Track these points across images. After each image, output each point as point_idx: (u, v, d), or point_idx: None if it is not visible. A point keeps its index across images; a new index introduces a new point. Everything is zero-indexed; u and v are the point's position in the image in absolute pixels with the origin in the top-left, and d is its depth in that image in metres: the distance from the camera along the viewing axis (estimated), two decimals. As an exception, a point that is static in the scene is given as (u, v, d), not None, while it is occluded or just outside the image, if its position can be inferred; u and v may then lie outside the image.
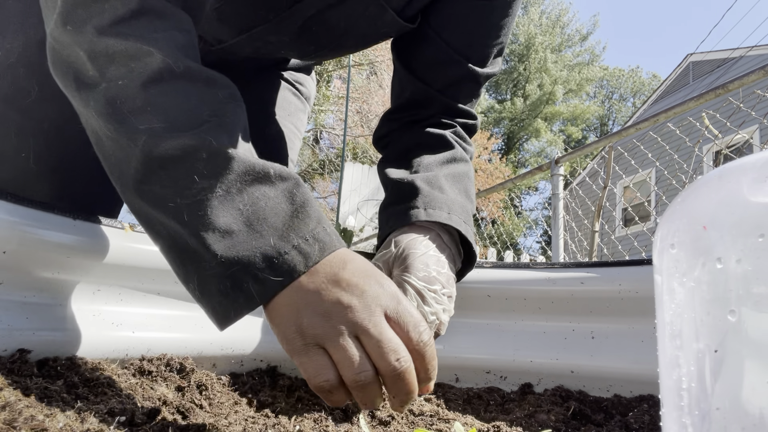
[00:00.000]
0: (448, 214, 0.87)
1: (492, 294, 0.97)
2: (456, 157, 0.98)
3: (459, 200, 0.91)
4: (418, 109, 1.02)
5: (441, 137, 0.99)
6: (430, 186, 0.90)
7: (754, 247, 0.34)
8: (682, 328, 0.38)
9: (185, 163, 0.56)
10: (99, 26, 0.59)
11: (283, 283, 0.54)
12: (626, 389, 0.88)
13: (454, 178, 0.95)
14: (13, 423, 0.46)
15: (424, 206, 0.87)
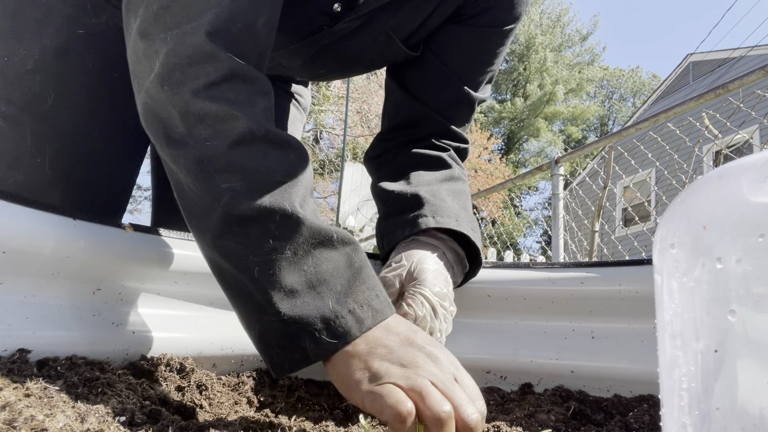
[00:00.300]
0: (457, 222, 0.89)
1: (492, 294, 0.97)
2: (454, 176, 1.01)
3: (464, 212, 0.94)
4: (414, 128, 1.05)
5: (438, 158, 1.02)
6: (434, 197, 0.93)
7: (754, 247, 0.34)
8: (682, 328, 0.38)
9: (261, 224, 0.61)
10: (194, 89, 0.65)
11: (337, 345, 0.59)
12: (626, 389, 0.88)
13: (454, 194, 0.97)
14: (13, 423, 0.46)
15: (432, 214, 0.89)
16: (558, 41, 29.16)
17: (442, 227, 0.88)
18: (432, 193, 0.94)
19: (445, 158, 1.03)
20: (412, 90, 1.04)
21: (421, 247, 0.86)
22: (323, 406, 0.76)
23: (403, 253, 0.84)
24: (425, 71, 1.02)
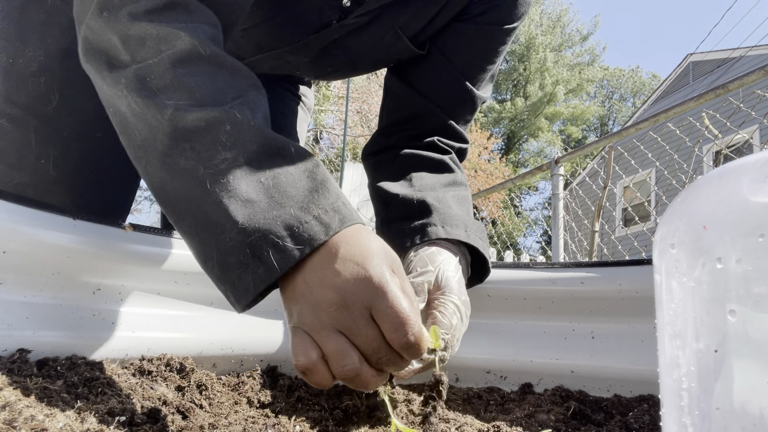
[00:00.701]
0: (466, 232, 0.88)
1: (492, 294, 0.97)
2: (457, 181, 1.00)
3: (470, 220, 0.92)
4: (416, 123, 1.04)
5: (441, 161, 1.01)
6: (441, 204, 0.91)
7: (754, 247, 0.34)
8: (682, 328, 0.38)
9: (210, 134, 0.57)
10: (133, 12, 0.62)
11: (303, 251, 0.54)
12: (626, 389, 0.88)
13: (459, 201, 0.96)
14: (13, 423, 0.46)
15: (441, 223, 0.88)
16: (558, 41, 29.16)
17: (451, 238, 0.87)
18: (438, 199, 0.92)
19: (448, 162, 1.02)
20: (415, 85, 1.03)
21: (442, 248, 0.85)
22: (323, 406, 0.76)
23: (424, 255, 0.83)
24: (429, 68, 1.02)
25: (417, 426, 0.62)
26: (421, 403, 0.68)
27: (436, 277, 0.79)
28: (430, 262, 0.81)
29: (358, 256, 0.55)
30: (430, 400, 0.66)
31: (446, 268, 0.80)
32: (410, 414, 0.75)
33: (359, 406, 0.75)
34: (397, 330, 0.53)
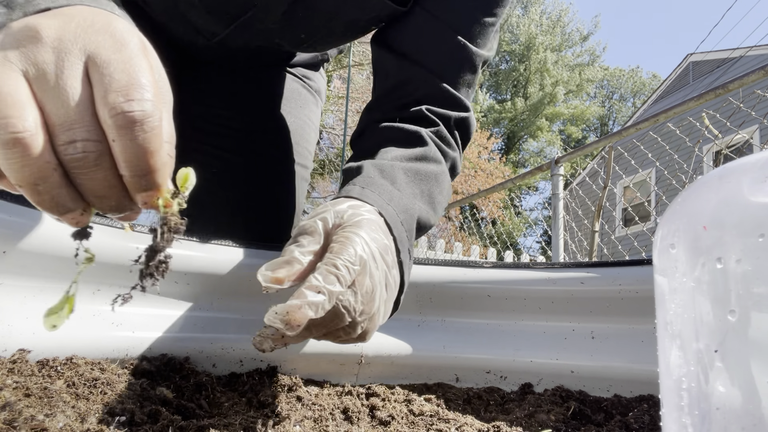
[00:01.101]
0: (388, 204, 0.71)
1: (492, 294, 0.97)
2: (427, 156, 0.85)
3: (410, 201, 0.76)
4: (403, 90, 0.91)
5: (414, 133, 0.86)
6: (381, 173, 0.77)
7: (754, 247, 0.34)
8: (682, 328, 0.38)
9: None
10: None
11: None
12: (626, 389, 0.88)
13: (416, 175, 0.81)
14: (13, 423, 0.46)
15: (362, 185, 0.72)
16: (558, 41, 29.17)
17: (364, 200, 0.69)
18: (381, 168, 0.78)
19: (422, 135, 0.86)
20: (400, 49, 0.90)
21: (351, 201, 0.69)
22: (323, 406, 0.76)
23: (326, 203, 0.68)
24: (413, 25, 0.90)
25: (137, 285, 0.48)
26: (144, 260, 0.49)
27: (337, 212, 0.63)
28: (330, 203, 0.67)
29: (99, 15, 0.45)
30: (150, 257, 0.48)
31: (355, 208, 0.65)
32: (410, 414, 0.75)
33: (359, 405, 0.75)
34: (119, 94, 0.40)
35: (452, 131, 0.92)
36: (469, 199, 7.07)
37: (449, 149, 0.90)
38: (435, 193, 0.83)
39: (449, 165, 0.91)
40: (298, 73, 1.31)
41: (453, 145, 0.91)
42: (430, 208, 0.82)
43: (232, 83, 1.22)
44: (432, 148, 0.86)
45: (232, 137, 1.21)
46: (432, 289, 0.94)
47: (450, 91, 0.90)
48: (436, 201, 0.83)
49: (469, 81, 0.92)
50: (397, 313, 0.95)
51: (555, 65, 28.04)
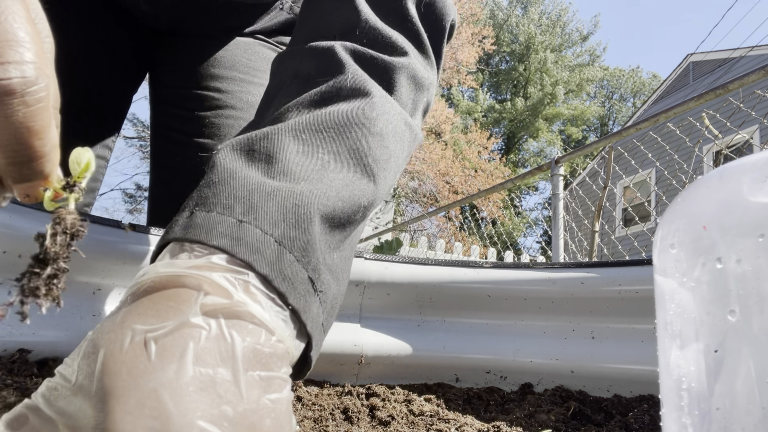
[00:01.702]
0: (239, 223, 0.41)
1: (492, 294, 0.97)
2: (340, 90, 0.53)
3: (301, 189, 0.44)
4: (318, 22, 0.62)
5: (323, 53, 0.55)
6: (246, 155, 0.47)
7: (754, 247, 0.34)
8: (682, 328, 0.38)
9: None
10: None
11: None
12: (626, 389, 0.88)
13: (319, 131, 0.49)
14: (13, 423, 0.46)
15: (192, 208, 0.43)
16: (558, 41, 29.17)
17: (188, 238, 0.40)
18: (249, 144, 0.47)
19: (336, 51, 0.55)
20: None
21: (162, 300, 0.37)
22: (323, 406, 0.76)
23: (97, 328, 0.37)
24: None
25: None
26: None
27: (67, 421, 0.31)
28: (80, 360, 0.34)
29: None
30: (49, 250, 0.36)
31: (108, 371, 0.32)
32: (410, 414, 0.75)
33: (359, 406, 0.75)
34: None
35: (401, 12, 0.61)
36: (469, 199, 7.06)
37: (394, 56, 0.58)
38: (366, 147, 0.51)
39: (403, 88, 0.59)
40: (273, 41, 1.18)
41: (397, 45, 0.59)
42: (363, 175, 0.50)
43: (194, 58, 1.13)
44: (350, 71, 0.54)
45: (196, 120, 1.09)
46: (432, 289, 0.94)
47: (374, 24, 0.59)
48: (371, 158, 0.51)
49: (399, 6, 0.62)
50: (397, 313, 0.95)
51: (555, 65, 28.06)
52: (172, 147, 1.12)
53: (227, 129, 1.09)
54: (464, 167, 17.87)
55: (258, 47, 1.17)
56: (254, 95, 1.13)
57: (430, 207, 16.29)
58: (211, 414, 0.31)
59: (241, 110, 1.12)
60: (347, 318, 0.91)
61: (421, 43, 0.62)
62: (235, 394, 0.33)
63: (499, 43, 27.29)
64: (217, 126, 1.09)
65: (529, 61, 27.95)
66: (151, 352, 0.32)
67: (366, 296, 0.92)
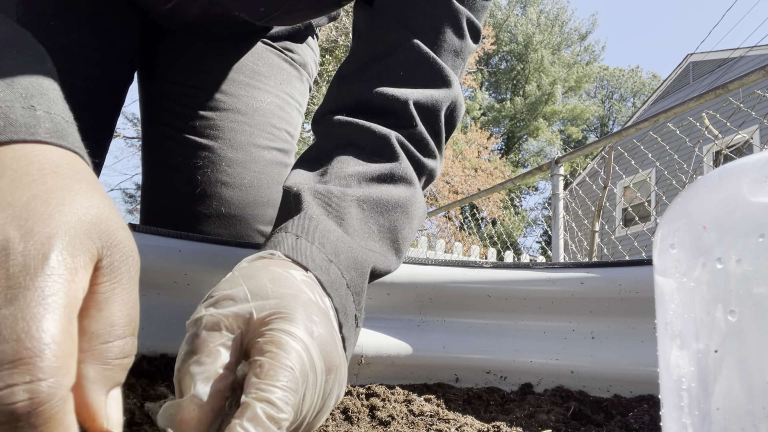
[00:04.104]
0: (330, 262, 0.54)
1: (492, 294, 0.97)
2: (394, 175, 0.67)
3: (362, 248, 0.59)
4: (379, 51, 0.74)
5: (383, 140, 0.68)
6: (326, 209, 0.59)
7: (754, 247, 0.34)
8: (682, 328, 0.38)
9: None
10: None
11: None
12: (626, 389, 0.88)
13: (376, 206, 0.63)
14: (13, 423, 0.46)
15: (297, 232, 0.55)
16: (557, 40, 29.19)
17: (297, 260, 0.52)
18: (327, 197, 0.60)
19: (392, 143, 0.68)
20: (382, 8, 0.75)
21: (281, 265, 0.50)
22: (323, 406, 0.76)
23: (244, 271, 0.48)
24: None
25: None
26: None
27: (259, 309, 0.44)
28: (244, 281, 0.46)
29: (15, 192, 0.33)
30: None
31: (281, 284, 0.47)
32: (410, 414, 0.75)
33: (359, 406, 0.75)
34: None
35: (435, 125, 0.74)
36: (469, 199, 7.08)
37: (426, 158, 0.73)
38: (400, 227, 0.65)
39: (424, 180, 0.75)
40: (279, 46, 1.18)
41: (431, 150, 0.74)
42: (392, 249, 0.64)
43: (200, 57, 1.13)
44: (403, 163, 0.68)
45: (196, 119, 1.09)
46: (432, 289, 0.94)
47: (434, 58, 0.72)
48: (401, 238, 0.65)
49: (455, 48, 0.75)
50: (397, 313, 0.95)
51: (554, 64, 28.07)
52: (168, 143, 1.11)
53: (231, 132, 1.09)
54: (464, 167, 17.87)
55: (265, 53, 1.17)
56: (259, 100, 1.13)
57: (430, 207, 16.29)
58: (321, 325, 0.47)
59: (245, 114, 1.11)
60: (347, 318, 0.91)
61: (440, 147, 0.77)
62: (326, 324, 0.48)
63: (498, 43, 27.31)
64: (222, 128, 1.09)
65: (527, 61, 27.96)
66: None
67: (366, 296, 0.92)
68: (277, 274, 0.48)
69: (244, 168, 1.08)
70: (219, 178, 1.07)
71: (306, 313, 0.45)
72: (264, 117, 1.13)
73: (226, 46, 1.13)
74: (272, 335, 0.42)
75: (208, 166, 1.07)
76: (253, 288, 0.45)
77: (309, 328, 0.44)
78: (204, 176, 1.07)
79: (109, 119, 1.09)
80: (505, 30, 28.30)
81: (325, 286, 0.52)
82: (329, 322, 0.49)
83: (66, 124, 0.41)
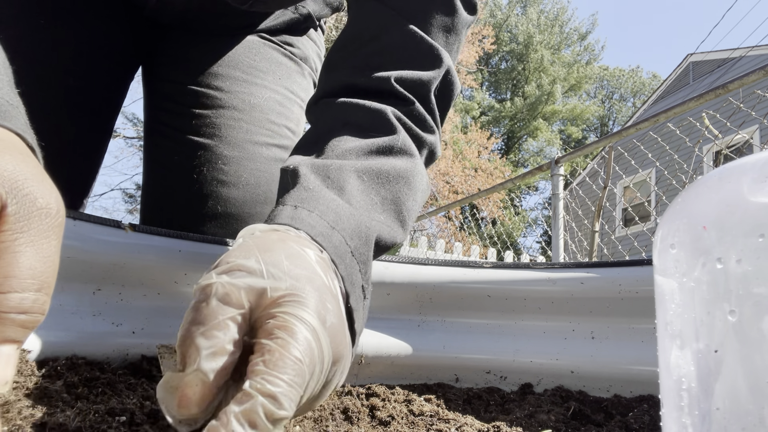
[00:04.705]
0: (332, 229, 0.52)
1: (492, 294, 0.97)
2: (393, 147, 0.66)
3: (365, 216, 0.57)
4: (367, 34, 0.73)
5: (379, 114, 0.67)
6: (325, 180, 0.58)
7: (754, 247, 0.34)
8: (682, 328, 0.38)
9: None
10: None
11: None
12: (626, 389, 0.88)
13: (377, 177, 0.62)
14: (14, 423, 0.46)
15: (295, 202, 0.54)
16: (557, 40, 29.19)
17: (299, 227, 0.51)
18: (326, 170, 0.59)
19: (389, 117, 0.67)
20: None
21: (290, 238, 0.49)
22: (323, 406, 0.76)
23: (254, 241, 0.47)
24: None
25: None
26: None
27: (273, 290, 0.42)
28: (259, 252, 0.44)
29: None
30: None
31: (294, 259, 0.45)
32: (410, 414, 0.75)
33: (359, 406, 0.75)
34: None
35: (428, 104, 0.73)
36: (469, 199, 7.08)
37: (425, 133, 0.72)
38: (403, 197, 0.64)
39: (425, 154, 0.74)
40: (277, 41, 1.16)
41: (429, 125, 0.73)
42: (396, 219, 0.63)
43: (197, 55, 1.12)
44: (401, 135, 0.67)
45: (194, 117, 1.09)
46: (432, 289, 0.94)
47: (422, 36, 0.71)
48: (405, 208, 0.64)
49: (446, 24, 0.73)
50: (397, 313, 0.95)
51: (554, 64, 28.07)
52: (167, 143, 1.10)
53: (227, 130, 1.08)
54: (464, 167, 17.86)
55: (262, 47, 1.16)
56: (256, 96, 1.12)
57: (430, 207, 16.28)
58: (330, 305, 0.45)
59: (242, 111, 1.10)
60: (347, 318, 0.91)
61: (436, 121, 0.75)
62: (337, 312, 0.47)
63: (498, 43, 27.31)
64: (218, 126, 1.08)
65: (528, 61, 27.96)
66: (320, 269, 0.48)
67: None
68: (294, 252, 0.46)
69: (241, 166, 1.07)
70: (216, 177, 1.06)
71: (321, 299, 0.44)
72: (262, 113, 1.12)
73: (221, 42, 1.12)
74: (285, 319, 0.40)
75: (205, 165, 1.06)
76: (269, 262, 0.43)
77: (322, 315, 0.43)
78: (201, 175, 1.06)
79: (106, 118, 1.08)
80: (505, 30, 28.30)
81: (329, 252, 0.50)
82: (340, 309, 0.48)
83: (10, 107, 0.42)
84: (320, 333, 0.42)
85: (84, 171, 1.06)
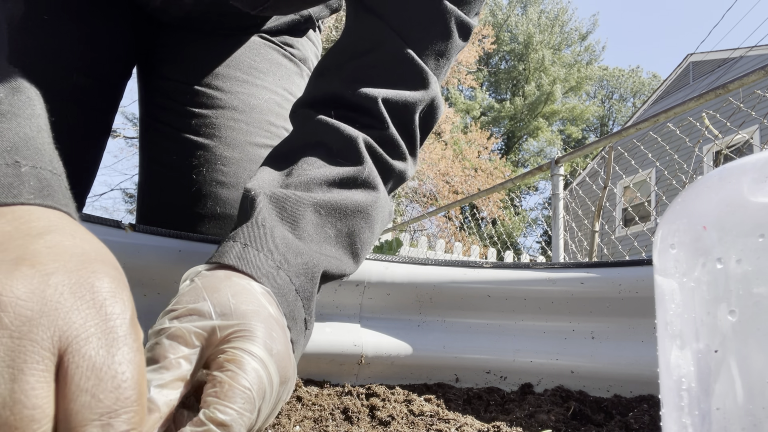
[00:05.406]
0: (279, 268, 0.55)
1: (492, 294, 0.97)
2: (357, 179, 0.67)
3: (315, 253, 0.59)
4: (359, 47, 0.74)
5: (349, 141, 0.68)
6: (280, 214, 0.60)
7: (754, 247, 0.34)
8: (682, 328, 0.38)
9: None
10: None
11: None
12: (626, 389, 0.88)
13: (334, 212, 0.64)
14: (13, 423, 0.46)
15: (246, 241, 0.55)
16: (557, 40, 29.19)
17: (244, 270, 0.52)
18: (283, 203, 0.60)
19: (359, 146, 0.68)
20: (367, 3, 0.73)
21: (235, 277, 0.52)
22: (323, 406, 0.76)
23: (203, 282, 0.50)
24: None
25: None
26: None
27: (223, 308, 0.47)
28: (207, 294, 0.48)
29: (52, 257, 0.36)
30: None
31: (240, 296, 0.48)
32: (410, 414, 0.75)
33: (359, 406, 0.75)
34: (107, 407, 0.32)
35: (410, 126, 0.74)
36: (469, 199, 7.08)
37: (395, 160, 0.73)
38: (359, 230, 0.65)
39: (391, 184, 0.75)
40: (278, 41, 1.17)
41: (401, 152, 0.73)
42: (347, 252, 0.65)
43: (196, 53, 1.12)
44: (367, 167, 0.68)
45: (193, 117, 1.08)
46: (432, 289, 0.94)
47: (415, 59, 0.71)
48: (360, 240, 0.66)
49: (440, 49, 0.74)
50: (397, 313, 0.95)
51: (554, 64, 28.07)
52: (164, 141, 1.10)
53: (227, 131, 1.08)
54: (464, 167, 17.87)
55: (262, 48, 1.16)
56: (256, 98, 1.12)
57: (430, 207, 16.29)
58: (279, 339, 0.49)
59: (242, 112, 1.10)
60: (347, 318, 0.91)
61: (414, 148, 0.77)
62: (283, 340, 0.50)
63: (498, 43, 27.31)
64: (217, 126, 1.07)
65: (528, 61, 27.97)
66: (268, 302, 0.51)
67: (366, 296, 0.92)
68: (239, 288, 0.50)
69: (240, 167, 1.07)
70: (214, 177, 1.06)
71: (267, 331, 0.47)
72: (261, 114, 1.12)
73: (222, 41, 1.12)
74: (233, 354, 0.44)
75: (204, 165, 1.06)
76: (216, 303, 0.47)
77: (269, 346, 0.46)
78: (199, 175, 1.06)
79: (105, 116, 1.08)
80: (505, 30, 28.30)
81: (272, 293, 0.53)
82: (285, 336, 0.51)
83: (53, 177, 0.43)
84: (267, 362, 0.45)
85: (86, 168, 1.06)
